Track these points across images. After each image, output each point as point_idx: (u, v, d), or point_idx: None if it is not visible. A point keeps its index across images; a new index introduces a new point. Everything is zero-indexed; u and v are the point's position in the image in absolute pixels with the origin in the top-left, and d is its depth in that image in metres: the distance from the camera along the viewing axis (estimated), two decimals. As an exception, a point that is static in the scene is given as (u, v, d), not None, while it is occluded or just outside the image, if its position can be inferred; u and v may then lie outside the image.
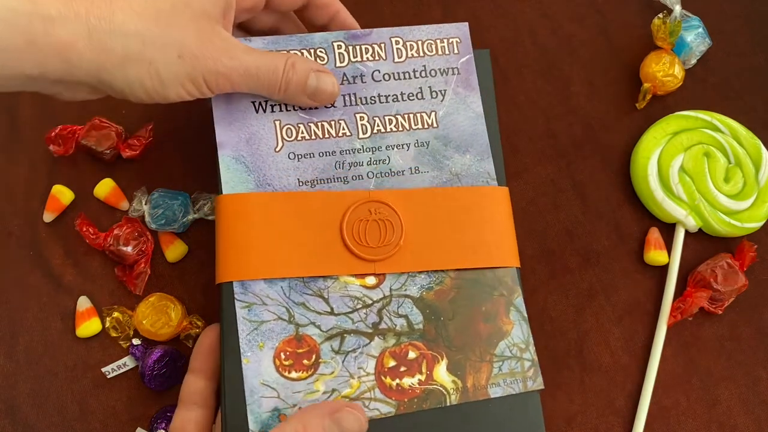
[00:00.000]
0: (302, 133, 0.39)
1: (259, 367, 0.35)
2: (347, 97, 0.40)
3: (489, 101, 0.41)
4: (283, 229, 0.37)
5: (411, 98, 0.40)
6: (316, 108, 0.39)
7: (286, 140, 0.39)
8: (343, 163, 0.39)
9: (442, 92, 0.41)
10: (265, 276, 0.36)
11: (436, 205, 0.39)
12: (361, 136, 0.39)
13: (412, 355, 0.37)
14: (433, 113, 0.40)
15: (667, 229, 0.46)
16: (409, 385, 0.36)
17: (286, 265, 0.37)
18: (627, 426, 0.42)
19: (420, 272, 0.38)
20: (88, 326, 0.42)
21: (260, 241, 0.37)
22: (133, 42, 0.32)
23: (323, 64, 0.39)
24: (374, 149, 0.39)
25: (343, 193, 0.38)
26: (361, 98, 0.40)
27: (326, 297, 0.37)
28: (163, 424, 0.40)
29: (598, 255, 0.45)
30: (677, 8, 0.47)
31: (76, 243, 0.43)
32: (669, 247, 0.45)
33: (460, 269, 0.38)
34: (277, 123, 0.39)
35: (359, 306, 0.37)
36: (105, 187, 0.44)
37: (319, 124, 0.39)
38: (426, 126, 0.40)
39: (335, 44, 0.40)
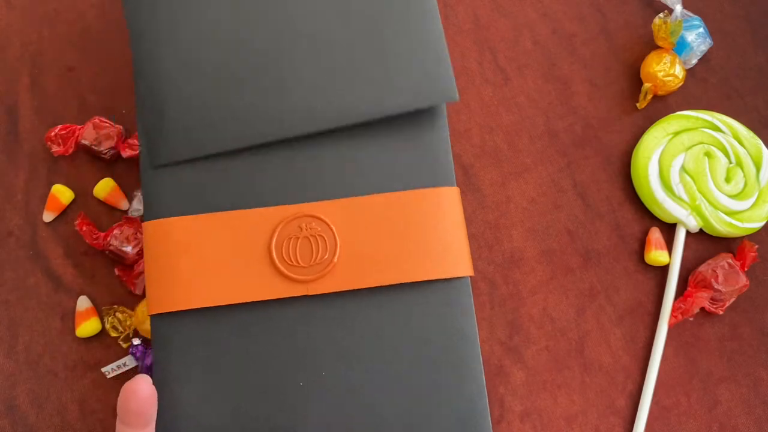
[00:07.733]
0: None
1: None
2: None
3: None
4: (208, 255, 0.34)
5: None
6: None
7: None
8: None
9: None
10: (189, 306, 0.34)
11: (376, 215, 0.35)
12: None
13: None
14: None
15: (668, 229, 0.46)
16: None
17: (210, 294, 0.34)
18: (627, 426, 0.42)
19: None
20: (88, 326, 0.42)
21: (185, 270, 0.34)
22: None
23: None
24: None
25: (272, 210, 0.35)
26: None
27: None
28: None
29: (598, 255, 0.45)
30: (678, 8, 0.47)
31: (76, 243, 0.43)
32: (670, 247, 0.45)
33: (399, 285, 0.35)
34: None
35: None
36: (105, 187, 0.44)
37: None
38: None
39: None
